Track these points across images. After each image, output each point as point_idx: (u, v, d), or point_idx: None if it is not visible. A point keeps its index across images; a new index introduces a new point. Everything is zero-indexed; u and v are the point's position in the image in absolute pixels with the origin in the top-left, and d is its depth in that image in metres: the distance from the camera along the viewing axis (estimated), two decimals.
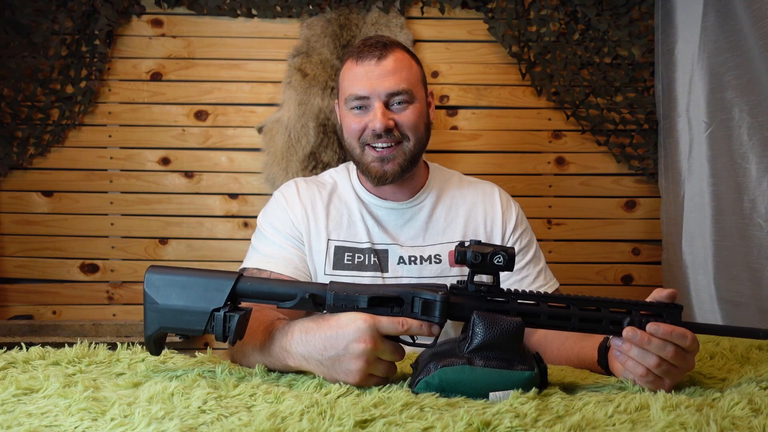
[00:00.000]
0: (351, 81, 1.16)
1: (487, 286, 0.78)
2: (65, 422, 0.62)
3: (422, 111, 1.18)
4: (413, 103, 1.16)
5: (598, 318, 0.78)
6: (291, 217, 1.20)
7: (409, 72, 1.16)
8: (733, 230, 1.60)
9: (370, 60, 1.13)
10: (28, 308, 2.02)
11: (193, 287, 0.76)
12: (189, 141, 2.02)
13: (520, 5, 1.97)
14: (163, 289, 0.77)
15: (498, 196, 1.29)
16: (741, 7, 1.49)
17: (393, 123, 1.14)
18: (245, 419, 0.63)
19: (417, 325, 0.76)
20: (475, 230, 1.24)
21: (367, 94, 1.14)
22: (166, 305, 0.76)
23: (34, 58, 1.93)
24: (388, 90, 1.13)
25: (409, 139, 1.16)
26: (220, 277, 0.78)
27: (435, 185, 1.27)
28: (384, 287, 0.79)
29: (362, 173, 1.22)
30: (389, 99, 1.14)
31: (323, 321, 0.78)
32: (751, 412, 0.67)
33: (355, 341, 0.74)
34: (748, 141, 1.54)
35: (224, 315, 0.75)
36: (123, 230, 2.02)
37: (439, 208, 1.25)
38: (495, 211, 1.26)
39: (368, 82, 1.13)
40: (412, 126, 1.16)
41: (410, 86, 1.15)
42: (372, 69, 1.13)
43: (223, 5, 1.97)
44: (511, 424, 0.62)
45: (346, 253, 1.18)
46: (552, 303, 0.78)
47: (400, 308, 0.77)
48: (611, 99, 1.99)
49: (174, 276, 0.77)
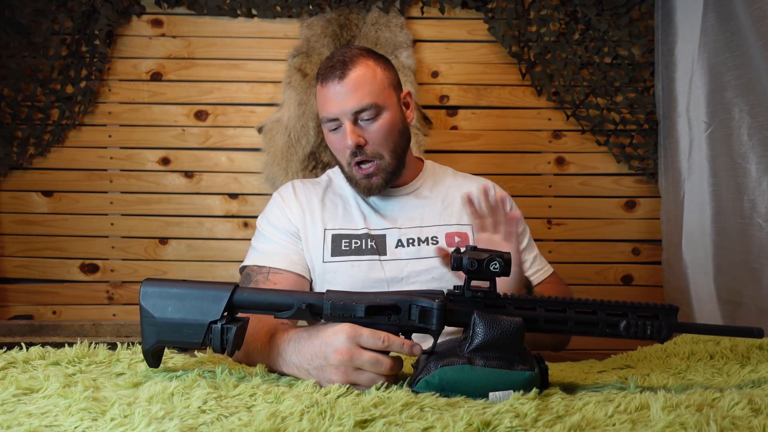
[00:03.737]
0: (321, 104, 1.20)
1: (484, 292, 0.78)
2: (65, 422, 0.62)
3: (393, 119, 1.20)
4: (381, 114, 1.18)
5: (595, 321, 0.78)
6: (288, 214, 1.24)
7: (372, 84, 1.17)
8: (733, 230, 1.60)
9: (332, 81, 1.17)
10: (28, 308, 2.02)
11: (189, 299, 0.76)
12: (189, 141, 2.02)
13: (520, 5, 1.97)
14: (159, 301, 0.76)
15: (492, 188, 1.31)
16: (741, 7, 1.49)
17: (363, 140, 1.17)
18: (245, 419, 0.63)
19: (399, 344, 0.76)
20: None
21: (336, 116, 1.17)
22: (163, 318, 0.76)
23: (34, 58, 1.93)
24: (352, 109, 1.16)
25: (383, 156, 1.20)
26: (216, 288, 0.77)
27: (430, 174, 1.34)
28: (381, 295, 0.79)
29: (353, 187, 1.26)
30: (356, 116, 1.17)
31: (315, 332, 0.80)
32: (751, 412, 0.67)
33: (334, 352, 0.76)
34: (748, 141, 1.54)
35: (222, 327, 0.75)
36: (123, 230, 2.02)
37: (436, 192, 1.30)
38: None
39: (334, 104, 1.17)
40: (382, 140, 1.19)
41: (374, 99, 1.17)
42: (336, 90, 1.16)
43: (223, 5, 1.97)
44: (511, 424, 0.62)
45: (343, 240, 1.21)
46: (549, 308, 0.78)
47: (398, 316, 0.77)
48: (611, 99, 1.99)
49: (169, 288, 0.77)
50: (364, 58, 1.19)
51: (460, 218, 1.26)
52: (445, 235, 1.23)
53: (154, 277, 0.81)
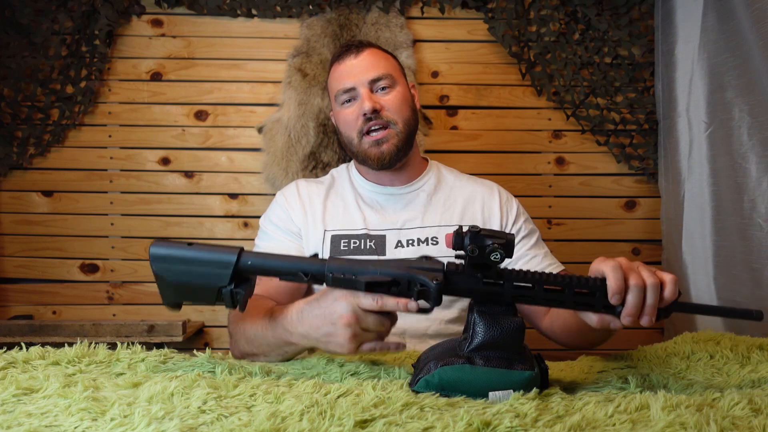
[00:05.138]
0: (337, 79, 1.25)
1: (483, 271, 0.77)
2: (65, 422, 0.62)
3: (406, 95, 1.26)
4: (395, 87, 1.24)
5: (592, 303, 0.77)
6: (290, 213, 1.27)
7: (387, 62, 1.26)
8: (733, 230, 1.60)
9: (348, 57, 1.24)
10: (28, 308, 2.02)
11: (196, 264, 0.78)
12: (189, 141, 2.02)
13: (520, 5, 1.97)
14: (168, 266, 0.78)
15: (497, 190, 1.34)
16: (741, 7, 1.49)
17: (380, 105, 1.21)
18: (245, 419, 0.63)
19: (393, 303, 0.79)
20: (472, 216, 1.28)
21: (353, 85, 1.22)
22: (174, 281, 0.78)
23: (34, 58, 1.93)
24: (369, 77, 1.22)
25: (396, 123, 1.23)
26: (222, 253, 0.78)
27: (433, 174, 1.34)
28: (382, 265, 0.79)
29: (362, 163, 1.28)
30: (372, 85, 1.22)
31: (315, 303, 0.86)
32: (751, 412, 0.67)
33: (339, 318, 0.81)
34: (748, 141, 1.54)
35: (231, 291, 0.78)
36: (123, 230, 2.02)
37: (438, 193, 1.30)
38: (493, 201, 1.31)
39: (351, 75, 1.23)
40: (397, 108, 1.23)
41: (389, 71, 1.24)
42: (352, 64, 1.23)
43: (223, 5, 1.97)
44: (511, 424, 0.62)
45: (342, 240, 1.22)
46: (547, 286, 0.77)
47: (398, 288, 0.78)
48: (611, 99, 1.99)
49: (177, 252, 0.78)
50: (374, 46, 1.28)
51: (462, 219, 1.26)
52: (445, 236, 1.23)
53: (162, 239, 0.82)
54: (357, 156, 1.27)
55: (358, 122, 1.22)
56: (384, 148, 1.21)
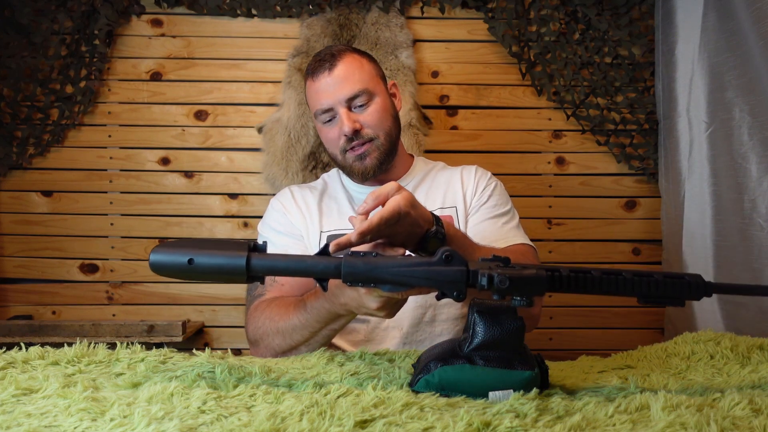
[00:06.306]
0: (314, 98, 1.24)
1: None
2: (65, 422, 0.61)
3: (385, 105, 1.25)
4: (373, 100, 1.22)
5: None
6: (291, 218, 1.28)
7: (361, 73, 1.22)
8: (733, 230, 1.60)
9: (322, 73, 1.21)
10: (28, 308, 2.02)
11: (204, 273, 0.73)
12: (189, 141, 2.02)
13: (520, 5, 1.97)
14: (173, 273, 0.73)
15: (475, 167, 1.36)
16: (741, 7, 1.49)
17: (359, 125, 1.20)
18: (245, 419, 0.63)
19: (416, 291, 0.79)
20: (453, 195, 1.29)
21: (330, 105, 1.21)
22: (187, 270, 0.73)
23: (34, 58, 1.92)
24: (346, 96, 1.20)
25: (378, 137, 1.23)
26: (231, 255, 0.72)
27: (419, 171, 1.35)
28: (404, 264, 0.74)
29: (348, 175, 1.30)
30: (350, 103, 1.21)
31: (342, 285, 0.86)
32: (751, 412, 0.67)
33: (371, 303, 0.85)
34: (748, 141, 1.54)
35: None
36: (123, 230, 2.02)
37: (422, 187, 1.32)
38: (470, 173, 1.33)
39: (327, 94, 1.20)
40: (377, 122, 1.22)
41: (365, 85, 1.21)
42: (327, 81, 1.21)
43: (223, 5, 1.97)
44: (511, 424, 0.62)
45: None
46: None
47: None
48: (611, 99, 1.99)
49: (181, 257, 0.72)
50: (350, 52, 1.25)
51: (444, 201, 1.28)
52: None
53: (161, 246, 0.74)
54: (343, 169, 1.30)
55: (340, 141, 1.22)
56: (367, 162, 1.23)
